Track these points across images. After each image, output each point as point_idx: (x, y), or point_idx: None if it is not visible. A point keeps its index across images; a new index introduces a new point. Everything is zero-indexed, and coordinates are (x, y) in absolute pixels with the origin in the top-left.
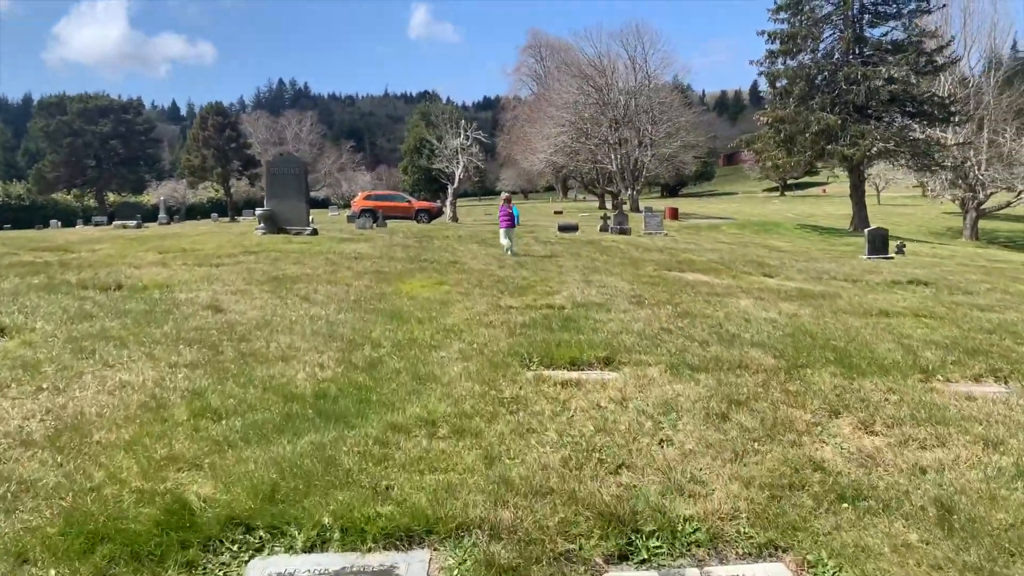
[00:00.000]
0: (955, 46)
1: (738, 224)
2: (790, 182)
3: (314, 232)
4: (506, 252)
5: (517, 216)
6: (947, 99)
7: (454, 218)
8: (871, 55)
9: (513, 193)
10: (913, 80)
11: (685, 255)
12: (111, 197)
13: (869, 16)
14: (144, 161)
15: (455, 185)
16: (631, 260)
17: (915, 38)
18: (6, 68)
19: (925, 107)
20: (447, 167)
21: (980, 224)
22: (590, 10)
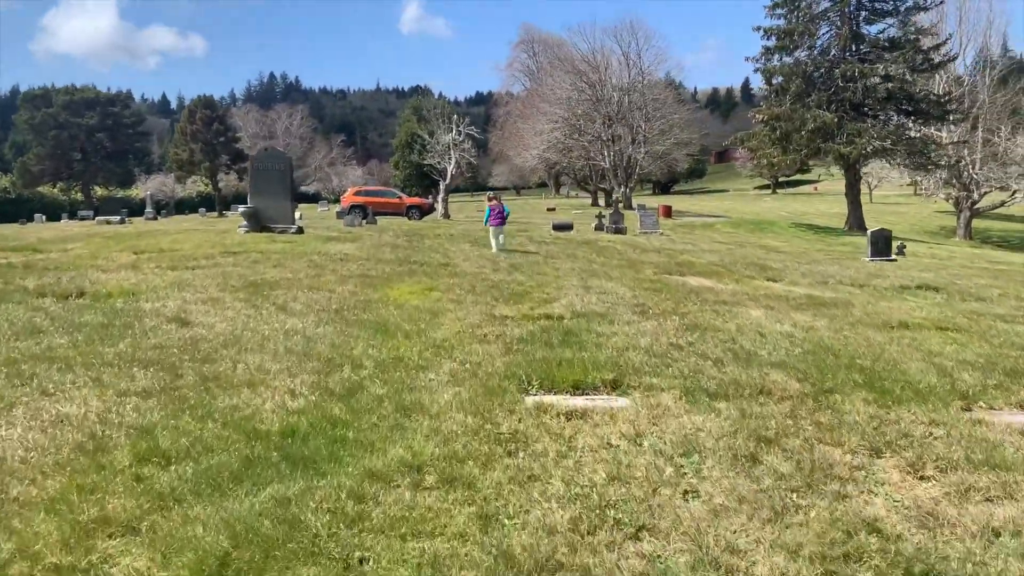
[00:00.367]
0: (951, 44)
1: (732, 223)
2: (781, 180)
3: (299, 231)
4: (497, 253)
5: (507, 213)
6: (943, 97)
7: (446, 215)
8: (868, 52)
9: (504, 189)
10: (909, 78)
11: (684, 256)
12: (98, 191)
13: (866, 13)
14: (132, 155)
15: (447, 181)
16: (629, 262)
17: (911, 35)
18: None
19: (921, 105)
20: (439, 163)
21: (973, 223)
22: (583, 5)
